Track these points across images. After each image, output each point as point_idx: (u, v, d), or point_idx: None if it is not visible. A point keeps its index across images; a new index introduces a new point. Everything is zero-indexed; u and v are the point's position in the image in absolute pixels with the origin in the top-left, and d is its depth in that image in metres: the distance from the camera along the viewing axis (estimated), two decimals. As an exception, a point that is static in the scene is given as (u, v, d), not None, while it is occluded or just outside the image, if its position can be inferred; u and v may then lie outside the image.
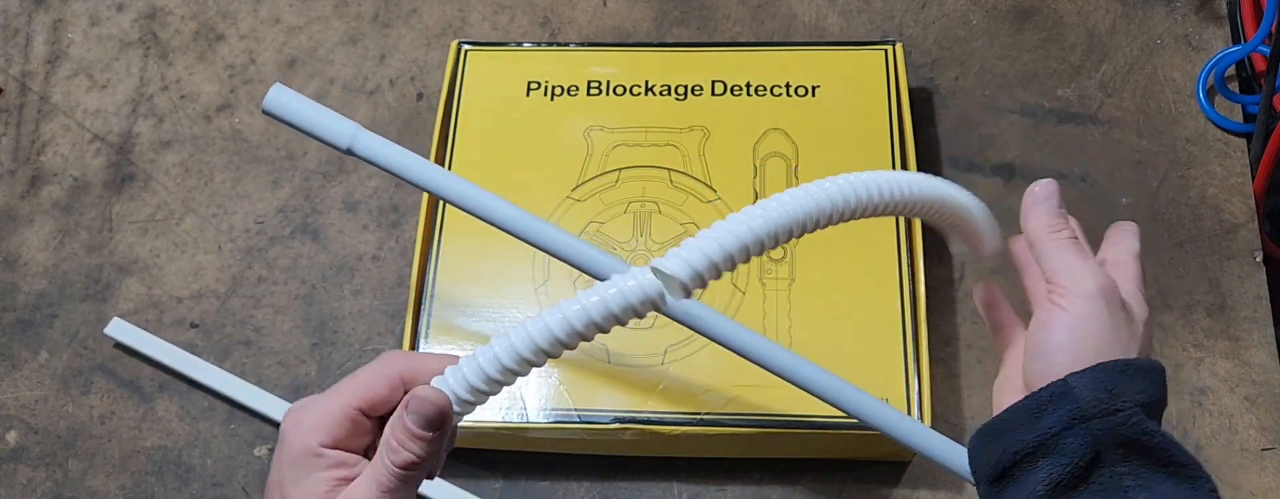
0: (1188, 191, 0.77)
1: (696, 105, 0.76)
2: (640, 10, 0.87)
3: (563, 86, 0.78)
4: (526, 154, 0.75)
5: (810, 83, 0.77)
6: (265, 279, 0.79)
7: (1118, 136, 0.80)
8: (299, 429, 0.45)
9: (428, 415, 0.44)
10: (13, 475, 0.74)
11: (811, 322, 0.68)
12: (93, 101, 0.87)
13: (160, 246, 0.81)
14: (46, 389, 0.77)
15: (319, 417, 0.45)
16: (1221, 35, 0.82)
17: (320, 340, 0.77)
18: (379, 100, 0.85)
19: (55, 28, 0.91)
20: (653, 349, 0.68)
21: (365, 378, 0.46)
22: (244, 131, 0.85)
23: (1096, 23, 0.84)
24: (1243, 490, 0.69)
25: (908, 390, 0.66)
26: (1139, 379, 0.46)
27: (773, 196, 0.47)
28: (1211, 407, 0.71)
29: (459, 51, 0.79)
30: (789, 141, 0.75)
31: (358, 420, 0.45)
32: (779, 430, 0.66)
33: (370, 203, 0.81)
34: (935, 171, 0.79)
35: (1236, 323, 0.73)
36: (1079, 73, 0.82)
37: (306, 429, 0.45)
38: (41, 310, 0.79)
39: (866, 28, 0.85)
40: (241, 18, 0.89)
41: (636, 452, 0.70)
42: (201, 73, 0.87)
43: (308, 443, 0.45)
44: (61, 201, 0.83)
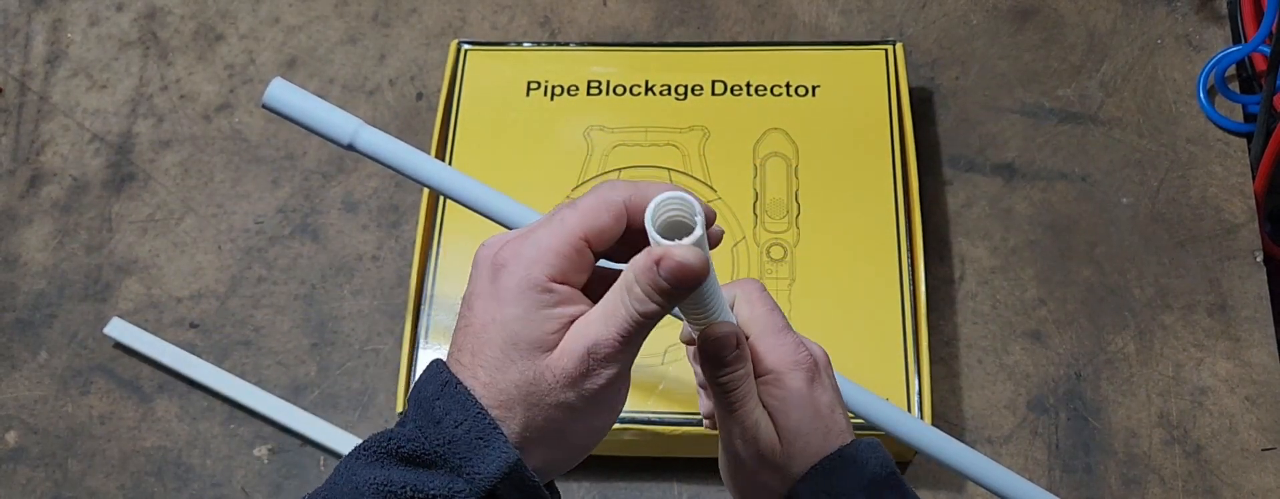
0: (1188, 191, 0.77)
1: (696, 105, 0.76)
2: (640, 10, 0.87)
3: (563, 86, 0.78)
4: (526, 154, 0.75)
5: (810, 83, 0.77)
6: (265, 279, 0.79)
7: (1118, 136, 0.80)
8: (519, 260, 0.41)
9: (685, 276, 0.39)
10: (12, 475, 0.74)
11: (811, 321, 0.68)
12: (92, 101, 0.87)
13: (160, 247, 0.81)
14: (46, 389, 0.77)
15: (542, 249, 0.41)
16: (1222, 35, 0.82)
17: (320, 340, 0.77)
18: (379, 100, 0.85)
19: (55, 27, 0.91)
20: (653, 349, 0.68)
21: (588, 207, 0.42)
22: (244, 131, 0.85)
23: (1097, 23, 0.84)
24: (1243, 490, 0.69)
25: (908, 390, 0.66)
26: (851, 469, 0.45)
27: None
28: (1212, 407, 0.71)
29: (459, 51, 0.79)
30: (789, 141, 0.75)
31: (583, 252, 0.41)
32: (779, 430, 0.66)
33: (370, 203, 0.81)
34: (935, 171, 0.79)
35: (1237, 323, 0.73)
36: (1079, 72, 0.82)
37: (529, 261, 0.41)
38: (41, 310, 0.79)
39: (867, 28, 0.85)
40: (241, 17, 0.89)
41: (636, 452, 0.70)
42: (201, 73, 0.87)
43: (534, 276, 0.40)
44: (61, 201, 0.83)
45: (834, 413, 0.46)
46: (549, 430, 0.41)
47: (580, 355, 0.40)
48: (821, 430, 0.46)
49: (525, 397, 0.41)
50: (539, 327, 0.41)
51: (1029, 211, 0.78)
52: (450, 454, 0.40)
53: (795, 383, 0.45)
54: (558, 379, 0.41)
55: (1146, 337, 0.73)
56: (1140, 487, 0.69)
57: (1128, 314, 0.74)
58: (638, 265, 0.40)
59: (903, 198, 0.72)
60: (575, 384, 0.41)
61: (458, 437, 0.40)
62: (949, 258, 0.76)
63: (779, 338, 0.46)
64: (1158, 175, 0.78)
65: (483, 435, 0.40)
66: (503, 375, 0.41)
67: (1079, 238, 0.76)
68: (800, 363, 0.46)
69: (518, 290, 0.41)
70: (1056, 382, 0.72)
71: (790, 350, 0.46)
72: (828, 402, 0.46)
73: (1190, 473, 0.69)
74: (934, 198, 0.78)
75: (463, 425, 0.40)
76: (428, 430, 0.41)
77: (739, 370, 0.45)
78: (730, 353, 0.45)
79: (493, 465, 0.40)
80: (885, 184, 0.72)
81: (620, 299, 0.40)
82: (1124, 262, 0.75)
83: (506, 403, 0.41)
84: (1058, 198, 0.78)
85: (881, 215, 0.71)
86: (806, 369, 0.46)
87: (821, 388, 0.46)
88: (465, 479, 0.40)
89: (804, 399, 0.45)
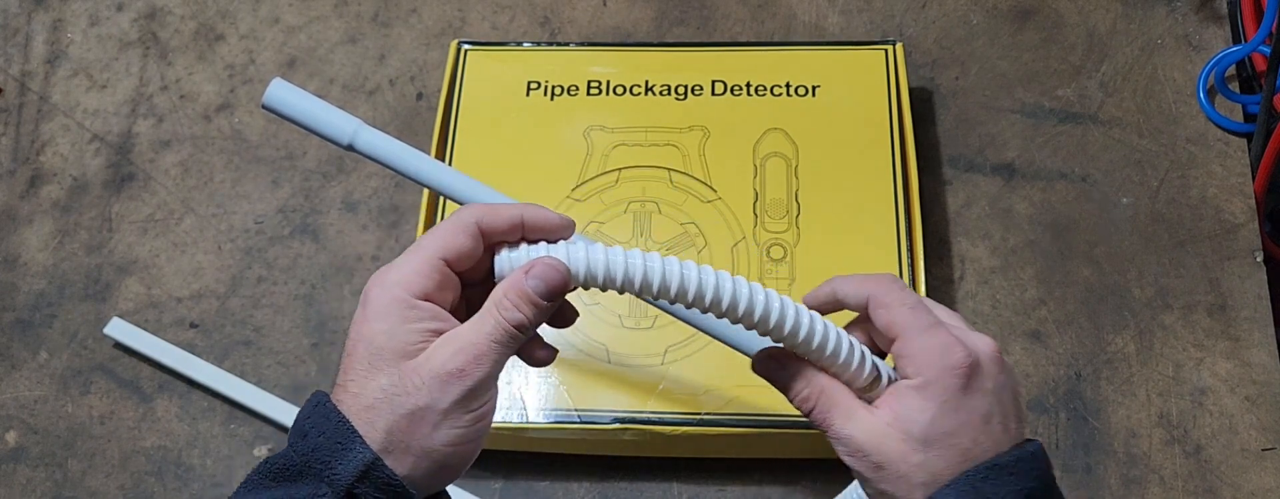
0: (1188, 191, 0.77)
1: (696, 105, 0.76)
2: (640, 10, 0.87)
3: (563, 86, 0.78)
4: (526, 154, 0.75)
5: (810, 83, 0.77)
6: (265, 279, 0.79)
7: (1118, 136, 0.80)
8: (386, 286, 0.44)
9: (551, 283, 0.44)
10: (12, 475, 0.74)
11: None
12: (92, 101, 0.87)
13: (160, 247, 0.81)
14: (46, 389, 0.77)
15: (405, 272, 0.45)
16: (1222, 35, 0.82)
17: (320, 340, 0.77)
18: (379, 100, 0.85)
19: (55, 28, 0.91)
20: (653, 349, 0.68)
21: (444, 230, 0.45)
22: (244, 131, 0.85)
23: (1097, 23, 0.84)
24: (1243, 490, 0.69)
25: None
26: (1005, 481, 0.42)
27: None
28: (1212, 407, 0.71)
29: (459, 51, 0.79)
30: (789, 141, 0.75)
31: (444, 272, 0.45)
32: (779, 430, 0.66)
33: (370, 203, 0.81)
34: (935, 171, 0.79)
35: (1237, 323, 0.73)
36: (1079, 73, 0.82)
37: (393, 284, 0.44)
38: (41, 310, 0.79)
39: (866, 27, 0.85)
40: (241, 18, 0.89)
41: (636, 452, 0.70)
42: (201, 73, 0.87)
43: (398, 296, 0.44)
44: (61, 201, 0.83)
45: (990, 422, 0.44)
46: (413, 435, 0.43)
47: (444, 359, 0.43)
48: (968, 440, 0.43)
49: (388, 401, 0.43)
50: (402, 338, 0.44)
51: (1029, 211, 0.78)
52: (314, 461, 0.43)
53: (946, 386, 0.43)
54: (422, 381, 0.43)
55: (1146, 337, 0.73)
56: (1140, 487, 0.69)
57: (1128, 314, 0.74)
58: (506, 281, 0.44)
59: (903, 198, 0.72)
60: (440, 386, 0.43)
61: (320, 445, 0.43)
62: (949, 258, 0.76)
63: (926, 339, 0.44)
64: (1158, 175, 0.78)
65: (342, 440, 0.43)
66: (368, 384, 0.44)
67: (1079, 238, 0.76)
68: (954, 366, 0.43)
69: (381, 308, 0.44)
70: (1056, 382, 0.72)
71: (938, 353, 0.44)
72: (984, 408, 0.44)
73: (1190, 473, 0.69)
74: (934, 198, 0.78)
75: (325, 434, 0.43)
76: (297, 445, 0.44)
77: (802, 391, 0.46)
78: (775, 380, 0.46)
79: (350, 466, 0.42)
80: (885, 184, 0.72)
81: (489, 311, 0.44)
82: (1124, 262, 0.75)
83: (370, 408, 0.43)
84: (1058, 198, 0.78)
85: (881, 215, 0.71)
86: (960, 372, 0.43)
87: (978, 393, 0.44)
88: (327, 483, 0.42)
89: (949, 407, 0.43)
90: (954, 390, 0.43)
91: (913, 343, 0.44)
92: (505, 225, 0.46)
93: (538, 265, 0.44)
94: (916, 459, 0.43)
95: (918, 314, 0.45)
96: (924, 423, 0.43)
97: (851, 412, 0.45)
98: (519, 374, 0.68)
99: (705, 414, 0.66)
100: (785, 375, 0.47)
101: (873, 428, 0.44)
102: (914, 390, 0.44)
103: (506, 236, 0.46)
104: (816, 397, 0.46)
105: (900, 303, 0.45)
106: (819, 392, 0.46)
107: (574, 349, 0.68)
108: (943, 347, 0.44)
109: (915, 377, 0.44)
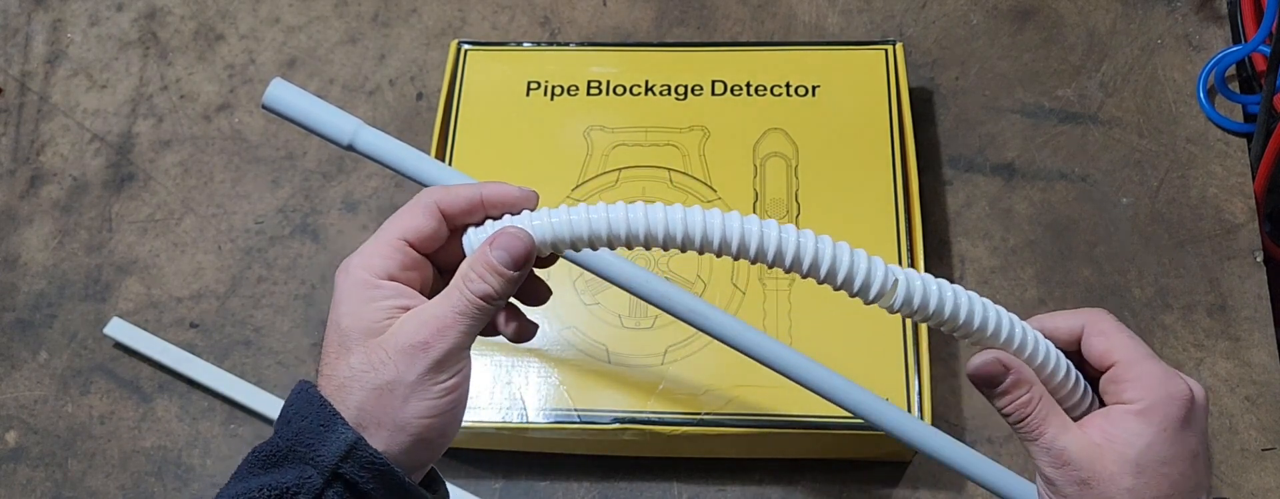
0: (1188, 191, 0.77)
1: (696, 105, 0.76)
2: (640, 10, 0.87)
3: (563, 86, 0.78)
4: (526, 154, 0.75)
5: (810, 83, 0.77)
6: (265, 279, 0.79)
7: (1118, 136, 0.80)
8: (349, 270, 0.46)
9: (514, 252, 0.44)
10: (12, 475, 0.74)
11: (811, 322, 0.68)
12: (92, 101, 0.87)
13: (160, 247, 0.81)
14: (46, 389, 0.77)
15: (366, 255, 0.46)
16: (1222, 35, 0.82)
17: (320, 340, 0.77)
18: (379, 100, 0.85)
19: (55, 28, 0.91)
20: (653, 349, 0.68)
21: (403, 212, 0.47)
22: (244, 131, 0.85)
23: (1097, 23, 0.84)
24: (1243, 490, 0.69)
25: (908, 390, 0.66)
26: None
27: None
28: (1212, 407, 0.71)
29: (459, 51, 0.79)
30: (789, 141, 0.75)
31: (407, 252, 0.46)
32: (779, 430, 0.66)
33: (370, 203, 0.81)
34: (935, 171, 0.79)
35: (1237, 323, 0.73)
36: (1079, 73, 0.82)
37: (357, 268, 0.46)
38: (41, 310, 0.79)
39: (866, 28, 0.85)
40: (241, 18, 0.89)
41: (636, 452, 0.70)
42: (201, 73, 0.87)
43: (360, 277, 0.45)
44: (61, 201, 0.83)
45: (1197, 461, 0.44)
46: (384, 409, 0.44)
47: (409, 332, 0.44)
48: (1177, 473, 0.43)
49: (357, 378, 0.44)
50: (367, 316, 0.44)
51: (1029, 211, 0.78)
52: (299, 445, 0.43)
53: (1168, 415, 0.43)
54: (388, 355, 0.44)
55: (1146, 337, 0.73)
56: (1140, 487, 0.69)
57: (1128, 314, 0.74)
58: (471, 254, 0.45)
59: (903, 198, 0.72)
60: (406, 359, 0.44)
61: (304, 428, 0.43)
62: (949, 258, 0.76)
63: (1148, 365, 0.45)
64: (1158, 175, 0.78)
65: (324, 422, 0.43)
66: (339, 365, 0.44)
67: (1079, 238, 0.76)
68: (1176, 396, 0.44)
69: (346, 291, 0.45)
70: (1056, 382, 0.72)
71: (1162, 379, 0.44)
72: (1195, 446, 0.44)
73: (1190, 473, 0.69)
74: (934, 198, 0.78)
75: (307, 418, 0.44)
76: (282, 431, 0.44)
77: (1021, 396, 0.45)
78: (1001, 381, 0.45)
79: (334, 447, 0.43)
80: (885, 184, 0.72)
81: (456, 285, 0.45)
82: (1124, 261, 0.75)
83: (341, 387, 0.44)
84: (1058, 198, 0.78)
85: (881, 215, 0.71)
86: (1183, 402, 0.44)
87: (1192, 429, 0.44)
88: (312, 465, 0.43)
89: (1166, 436, 0.43)
90: (1174, 420, 0.43)
91: (1134, 369, 0.45)
92: (464, 203, 0.47)
93: (501, 235, 0.45)
94: (1126, 483, 0.43)
95: (1138, 343, 0.46)
96: (1140, 447, 0.43)
97: (1067, 425, 0.45)
98: (519, 374, 0.68)
99: (705, 414, 0.66)
100: (1009, 378, 0.46)
101: (1087, 444, 0.44)
102: (1133, 415, 0.44)
103: (468, 215, 0.47)
104: (1036, 403, 0.45)
105: (1119, 331, 0.46)
106: (1039, 397, 0.45)
107: (574, 349, 0.68)
108: (1165, 376, 0.44)
109: (1135, 402, 0.44)
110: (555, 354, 0.68)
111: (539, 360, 0.68)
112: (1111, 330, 0.46)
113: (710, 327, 0.56)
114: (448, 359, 0.44)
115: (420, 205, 0.47)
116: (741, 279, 0.70)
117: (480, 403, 0.67)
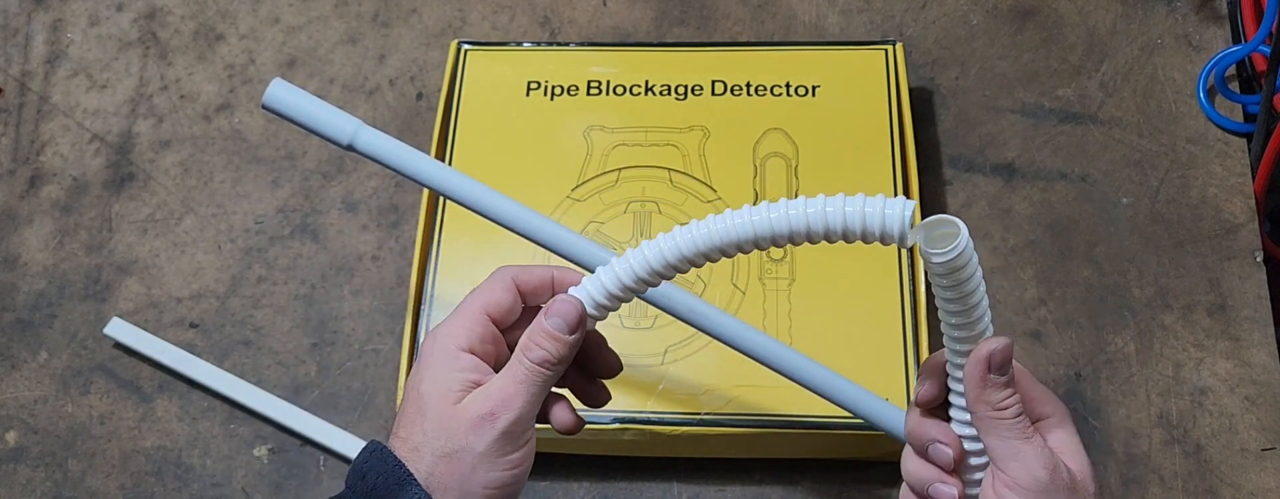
0: (1188, 191, 0.77)
1: (696, 105, 0.76)
2: (640, 10, 0.87)
3: (563, 86, 0.78)
4: (526, 154, 0.75)
5: (810, 83, 0.77)
6: (265, 279, 0.79)
7: (1118, 136, 0.80)
8: (436, 339, 0.49)
9: (566, 317, 0.48)
10: (12, 475, 0.74)
11: (811, 322, 0.68)
12: (92, 101, 0.87)
13: (160, 247, 0.81)
14: (46, 389, 0.77)
15: (454, 326, 0.49)
16: (1222, 35, 0.82)
17: (320, 340, 0.77)
18: (379, 100, 0.85)
19: (55, 28, 0.91)
20: (653, 349, 0.68)
21: (485, 288, 0.50)
22: (244, 131, 0.85)
23: (1097, 22, 0.84)
24: (1243, 490, 0.69)
25: (908, 390, 0.66)
26: None
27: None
28: (1212, 407, 0.71)
29: (459, 51, 0.79)
30: (789, 141, 0.75)
31: (487, 326, 0.49)
32: (779, 430, 0.66)
33: (370, 203, 0.81)
34: (935, 171, 0.79)
35: (1237, 323, 0.73)
36: (1079, 73, 0.82)
37: (444, 337, 0.49)
38: (41, 310, 0.79)
39: (866, 27, 0.85)
40: (241, 18, 0.89)
41: (636, 452, 0.70)
42: (201, 73, 0.87)
43: (448, 346, 0.49)
44: (61, 201, 0.83)
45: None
46: (452, 476, 0.47)
47: (478, 404, 0.47)
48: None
49: (430, 443, 0.47)
50: (445, 385, 0.48)
51: (1029, 211, 0.78)
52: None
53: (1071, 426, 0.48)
54: (460, 425, 0.47)
55: (1146, 337, 0.73)
56: (1140, 487, 0.69)
57: (1127, 314, 0.74)
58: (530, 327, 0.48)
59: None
60: (475, 430, 0.47)
61: (378, 485, 0.46)
62: (949, 258, 0.76)
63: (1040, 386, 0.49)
64: (1158, 175, 0.78)
65: (399, 481, 0.46)
66: (414, 429, 0.47)
67: (1079, 238, 0.76)
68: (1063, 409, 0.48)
69: (432, 360, 0.49)
70: (1056, 382, 0.72)
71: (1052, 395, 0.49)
72: None
73: (1190, 473, 0.69)
74: (934, 198, 0.78)
75: (383, 475, 0.46)
76: (355, 485, 0.47)
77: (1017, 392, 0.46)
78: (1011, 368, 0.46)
79: None
80: (885, 184, 0.72)
81: (516, 356, 0.48)
82: (1124, 261, 0.75)
83: (415, 450, 0.47)
84: (1058, 198, 0.78)
85: (881, 215, 0.71)
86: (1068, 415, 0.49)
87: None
88: None
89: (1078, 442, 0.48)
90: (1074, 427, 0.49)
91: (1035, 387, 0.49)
92: (537, 280, 0.51)
93: (554, 303, 0.48)
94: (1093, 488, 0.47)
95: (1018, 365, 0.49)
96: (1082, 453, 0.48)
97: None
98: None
99: (705, 414, 0.66)
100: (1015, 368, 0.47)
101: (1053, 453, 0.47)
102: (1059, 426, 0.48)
103: (539, 293, 0.51)
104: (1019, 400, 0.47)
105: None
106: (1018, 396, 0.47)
107: (574, 349, 0.68)
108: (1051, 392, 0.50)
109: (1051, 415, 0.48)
110: (555, 354, 0.68)
111: (539, 360, 0.68)
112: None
113: (710, 327, 0.56)
114: (514, 430, 0.47)
115: (498, 280, 0.50)
116: (741, 279, 0.70)
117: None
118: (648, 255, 0.47)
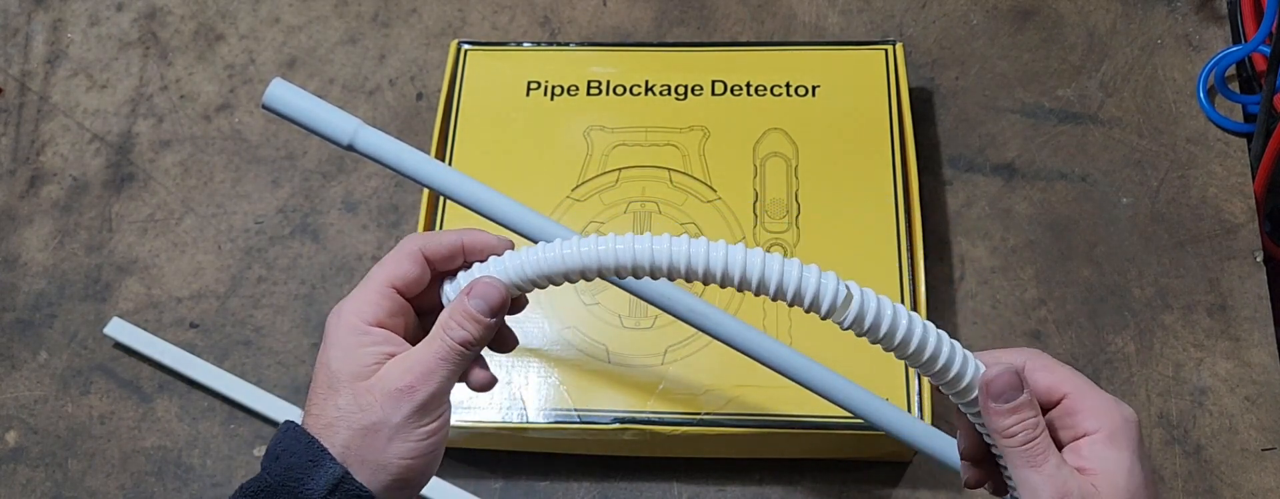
0: (1188, 191, 0.77)
1: (696, 105, 0.76)
2: (640, 10, 0.87)
3: (563, 86, 0.78)
4: (526, 154, 0.75)
5: (810, 83, 0.77)
6: (265, 279, 0.79)
7: (1118, 136, 0.80)
8: (341, 315, 0.48)
9: (490, 300, 0.47)
10: (12, 475, 0.74)
11: (811, 321, 0.68)
12: (92, 101, 0.87)
13: (160, 246, 0.81)
14: (46, 389, 0.77)
15: (357, 301, 0.48)
16: (1222, 35, 0.82)
17: (320, 340, 0.76)
18: (379, 100, 0.85)
19: (55, 28, 0.91)
20: (653, 349, 0.68)
21: (390, 260, 0.49)
22: (243, 131, 0.85)
23: (1097, 23, 0.84)
24: (1243, 490, 0.69)
25: (908, 390, 0.66)
26: None
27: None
28: (1212, 407, 0.71)
29: (459, 51, 0.79)
30: (789, 141, 0.75)
31: (393, 298, 0.48)
32: (779, 430, 0.66)
33: (370, 203, 0.81)
34: (935, 171, 0.79)
35: (1237, 323, 0.73)
36: (1079, 73, 0.82)
37: (348, 313, 0.48)
38: (41, 310, 0.79)
39: (866, 28, 0.85)
40: (241, 18, 0.89)
41: (636, 452, 0.70)
42: (201, 73, 0.87)
43: (351, 322, 0.48)
44: (61, 201, 0.83)
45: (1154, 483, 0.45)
46: (368, 449, 0.46)
47: (394, 377, 0.46)
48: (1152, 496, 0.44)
49: (344, 418, 0.46)
50: (356, 360, 0.47)
51: (1029, 211, 0.78)
52: (289, 480, 0.46)
53: (1132, 437, 0.44)
54: (375, 398, 0.46)
55: (1146, 337, 0.73)
56: (1140, 487, 0.69)
57: (1128, 314, 0.74)
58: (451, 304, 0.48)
59: (902, 198, 0.72)
60: (391, 403, 0.46)
61: (292, 464, 0.46)
62: (949, 258, 0.76)
63: (1100, 396, 0.45)
64: (1158, 175, 0.78)
65: (313, 458, 0.46)
66: (327, 405, 0.47)
67: (1079, 238, 0.76)
68: (1130, 419, 0.45)
69: (337, 335, 0.48)
70: (1056, 382, 0.72)
71: (1113, 405, 0.45)
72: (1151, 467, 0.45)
73: (1190, 473, 0.69)
74: (934, 198, 0.78)
75: (296, 454, 0.46)
76: (270, 467, 0.47)
77: (1030, 417, 0.45)
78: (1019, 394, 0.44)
79: (322, 481, 0.45)
80: (885, 184, 0.72)
81: (437, 334, 0.47)
82: (1124, 261, 0.75)
83: (329, 426, 0.47)
84: (1058, 198, 0.78)
85: (881, 215, 0.71)
86: (1136, 424, 0.45)
87: (1145, 452, 0.45)
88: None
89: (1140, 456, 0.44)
90: (1137, 441, 0.44)
91: (1087, 399, 0.45)
92: (446, 250, 0.49)
93: (477, 285, 0.47)
94: None
95: (1082, 376, 0.46)
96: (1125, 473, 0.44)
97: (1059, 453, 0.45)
98: (519, 374, 0.68)
99: (705, 414, 0.66)
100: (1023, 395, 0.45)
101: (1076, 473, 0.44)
102: (1103, 443, 0.44)
103: (450, 260, 0.49)
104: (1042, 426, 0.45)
105: (1060, 364, 0.47)
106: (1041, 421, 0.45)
107: (574, 349, 0.68)
108: (1114, 402, 0.45)
109: (1099, 429, 0.44)
110: (555, 354, 0.68)
111: (539, 360, 0.68)
112: (1054, 364, 0.46)
113: (710, 327, 0.56)
114: (431, 403, 0.47)
115: (405, 252, 0.49)
116: (741, 279, 0.70)
117: (480, 403, 0.67)
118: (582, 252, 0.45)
